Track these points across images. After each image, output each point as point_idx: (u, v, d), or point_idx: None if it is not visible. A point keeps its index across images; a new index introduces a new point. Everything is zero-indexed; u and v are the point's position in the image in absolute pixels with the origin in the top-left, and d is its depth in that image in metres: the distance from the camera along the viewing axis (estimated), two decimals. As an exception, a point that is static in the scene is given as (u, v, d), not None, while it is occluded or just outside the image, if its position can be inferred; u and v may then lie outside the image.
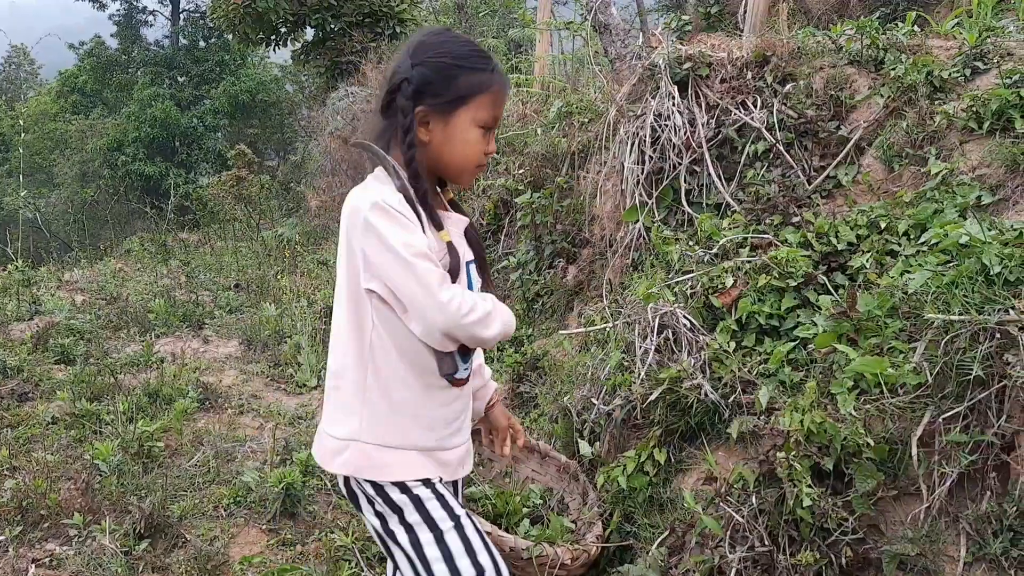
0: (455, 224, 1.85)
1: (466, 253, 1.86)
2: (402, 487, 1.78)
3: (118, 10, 27.23)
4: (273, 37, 12.86)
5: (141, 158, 21.59)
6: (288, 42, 13.15)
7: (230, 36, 13.95)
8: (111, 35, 27.17)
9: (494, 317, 1.75)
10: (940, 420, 2.06)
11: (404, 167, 1.74)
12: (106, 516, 3.22)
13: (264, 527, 3.29)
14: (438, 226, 1.77)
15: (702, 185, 3.75)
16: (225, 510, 3.41)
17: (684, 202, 3.72)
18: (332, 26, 12.40)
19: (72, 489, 3.40)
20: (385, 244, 1.67)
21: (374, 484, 1.78)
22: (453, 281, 1.73)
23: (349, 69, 11.57)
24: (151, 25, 27.85)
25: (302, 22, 12.50)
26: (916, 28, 3.72)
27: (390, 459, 1.78)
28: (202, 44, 26.50)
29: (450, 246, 1.77)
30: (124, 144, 21.79)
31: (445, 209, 1.87)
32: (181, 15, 27.44)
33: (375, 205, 1.68)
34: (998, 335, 2.00)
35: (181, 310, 6.30)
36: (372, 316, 1.75)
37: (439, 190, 1.90)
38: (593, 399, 3.08)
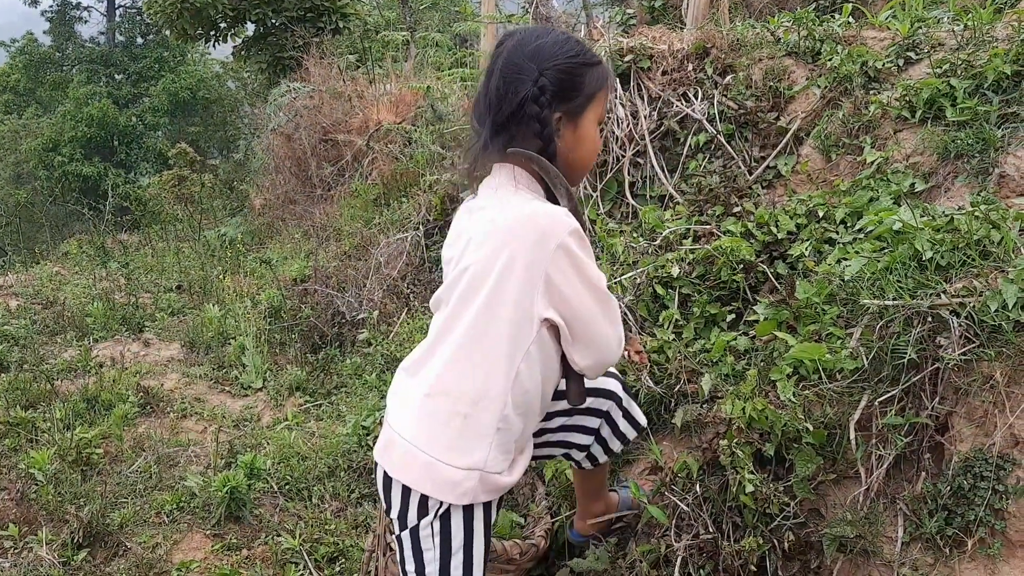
0: None
1: None
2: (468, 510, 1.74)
3: (51, 6, 26.47)
4: (212, 33, 12.60)
5: (78, 158, 21.01)
6: (228, 38, 12.90)
7: (168, 32, 13.62)
8: (44, 32, 26.41)
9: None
10: (876, 403, 2.10)
11: (548, 179, 1.67)
12: (43, 526, 3.13)
13: (208, 532, 3.22)
14: None
15: (646, 177, 3.77)
16: (168, 516, 3.33)
17: (628, 194, 3.73)
18: (273, 21, 12.20)
19: (7, 499, 3.29)
20: (582, 277, 1.64)
21: (466, 509, 1.73)
22: None
23: (291, 65, 11.40)
24: (86, 22, 27.17)
25: (242, 17, 12.26)
26: (852, 19, 3.79)
27: (501, 481, 1.73)
28: (139, 40, 25.94)
29: None
30: (60, 144, 21.18)
31: None
32: (117, 11, 26.78)
33: (575, 232, 1.62)
34: (930, 319, 2.04)
35: (120, 313, 6.13)
36: (528, 345, 1.66)
37: None
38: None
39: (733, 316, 2.79)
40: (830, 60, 3.43)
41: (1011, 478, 1.88)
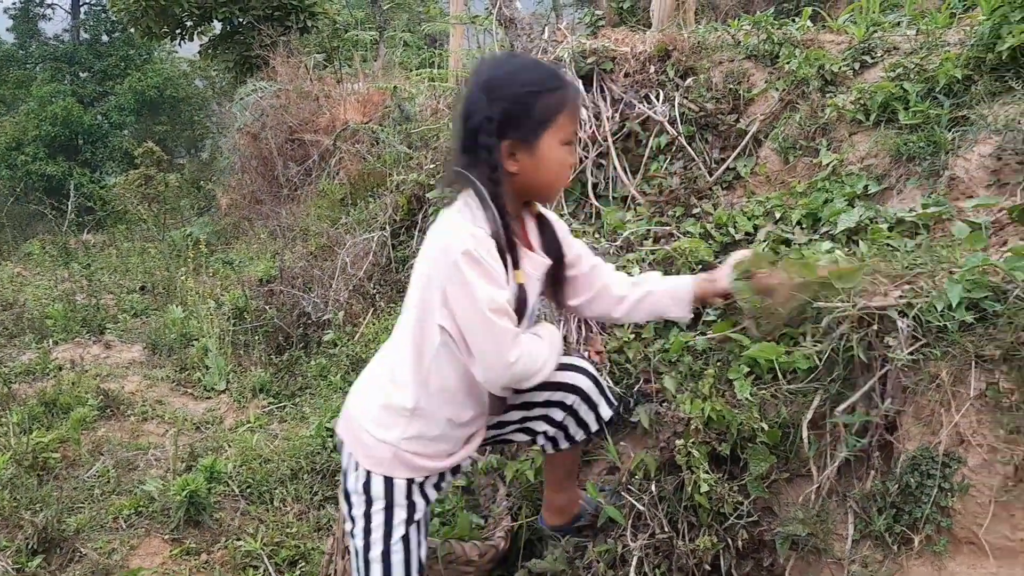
0: (535, 266, 1.91)
1: (536, 288, 1.94)
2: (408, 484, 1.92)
3: (14, 4, 26.03)
4: (178, 31, 12.46)
5: (42, 157, 20.70)
6: (195, 36, 12.76)
7: (133, 30, 13.44)
8: (7, 29, 25.96)
9: (550, 359, 1.86)
10: (828, 403, 2.13)
11: (491, 202, 1.76)
12: (-3, 533, 3.08)
13: (167, 537, 3.19)
14: (516, 265, 1.82)
15: (608, 178, 3.79)
16: (125, 521, 3.29)
17: (591, 195, 3.75)
18: (240, 20, 12.09)
19: (-41, 506, 3.23)
20: (469, 294, 1.71)
21: (386, 479, 1.90)
22: (520, 319, 1.80)
23: (259, 64, 11.29)
24: (49, 19, 26.79)
25: (208, 15, 12.14)
26: (810, 23, 3.83)
27: (419, 463, 1.91)
28: (105, 38, 25.56)
29: (521, 288, 1.82)
30: (24, 143, 20.85)
31: (527, 243, 1.92)
32: (81, 8, 26.39)
33: (467, 253, 1.71)
34: (879, 320, 2.07)
35: (81, 315, 6.05)
36: (437, 346, 1.81)
37: (525, 210, 1.95)
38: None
39: (691, 316, 2.80)
40: (788, 63, 3.47)
41: (956, 476, 1.91)
